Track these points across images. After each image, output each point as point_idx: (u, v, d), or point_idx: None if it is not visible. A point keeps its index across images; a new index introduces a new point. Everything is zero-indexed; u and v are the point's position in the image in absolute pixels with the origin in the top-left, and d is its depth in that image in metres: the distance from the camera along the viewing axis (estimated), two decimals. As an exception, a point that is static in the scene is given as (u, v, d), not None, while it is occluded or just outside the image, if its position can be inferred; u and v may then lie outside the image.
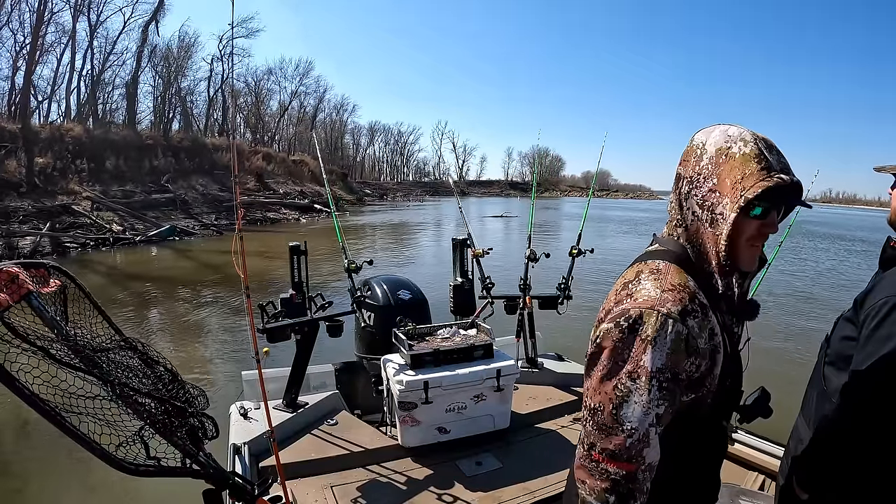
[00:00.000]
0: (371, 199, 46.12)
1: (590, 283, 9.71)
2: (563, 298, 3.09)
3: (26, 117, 23.26)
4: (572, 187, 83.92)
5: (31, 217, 15.70)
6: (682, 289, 0.83)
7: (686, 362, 0.80)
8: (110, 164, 22.84)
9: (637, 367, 0.78)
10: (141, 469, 1.16)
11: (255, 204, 25.23)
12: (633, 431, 0.78)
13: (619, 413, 0.78)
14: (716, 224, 0.84)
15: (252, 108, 43.74)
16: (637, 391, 0.78)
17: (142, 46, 30.56)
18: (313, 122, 51.91)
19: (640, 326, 0.79)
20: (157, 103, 33.63)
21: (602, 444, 0.80)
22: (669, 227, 0.94)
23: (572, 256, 3.14)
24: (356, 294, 2.61)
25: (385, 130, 73.09)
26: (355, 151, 67.20)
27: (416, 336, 2.45)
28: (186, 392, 1.37)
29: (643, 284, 0.85)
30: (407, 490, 2.02)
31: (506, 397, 2.39)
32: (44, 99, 28.82)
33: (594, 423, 0.81)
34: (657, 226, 7.88)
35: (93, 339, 1.21)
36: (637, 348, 0.78)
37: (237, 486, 1.36)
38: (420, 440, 2.27)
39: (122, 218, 18.36)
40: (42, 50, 26.44)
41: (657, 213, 43.53)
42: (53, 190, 18.33)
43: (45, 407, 1.01)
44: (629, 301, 0.83)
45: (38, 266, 1.13)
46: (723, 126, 0.88)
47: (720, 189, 0.84)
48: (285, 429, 2.32)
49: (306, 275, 2.63)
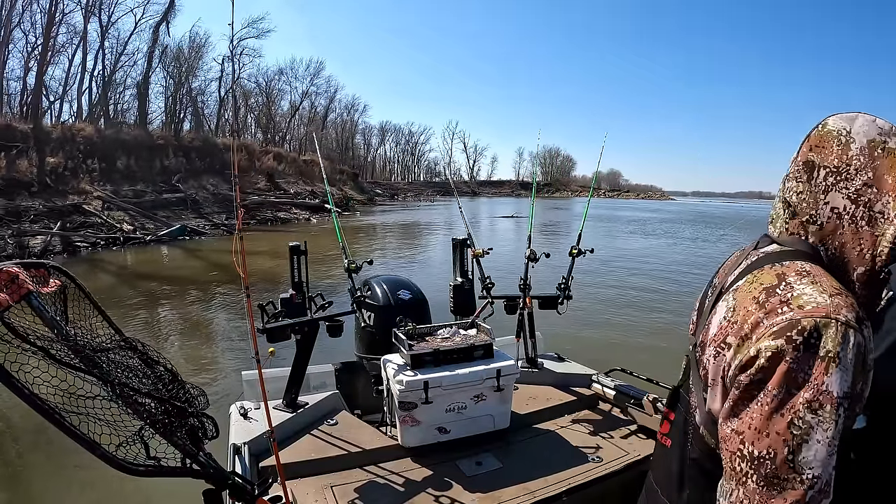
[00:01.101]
0: (382, 199, 46.18)
1: (590, 283, 9.72)
2: (563, 298, 3.09)
3: (38, 117, 23.45)
4: (583, 188, 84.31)
5: (41, 216, 15.80)
6: (847, 293, 0.68)
7: (860, 383, 0.65)
8: (121, 164, 23.00)
9: (819, 393, 0.61)
10: (141, 469, 1.16)
11: (265, 204, 25.35)
12: (815, 481, 0.61)
13: (796, 458, 0.61)
14: (874, 223, 0.72)
15: (263, 108, 43.80)
16: (820, 426, 0.61)
17: (153, 47, 30.88)
18: (324, 122, 52.20)
19: (817, 341, 0.63)
20: (169, 104, 33.81)
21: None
22: (793, 224, 0.80)
23: (572, 256, 3.14)
24: (356, 294, 2.61)
25: (396, 130, 73.45)
26: (366, 151, 67.52)
27: (416, 336, 2.44)
28: (186, 392, 1.37)
29: (801, 289, 0.68)
30: (407, 490, 2.02)
31: (506, 397, 2.39)
32: (56, 99, 29.27)
33: (760, 477, 0.62)
34: (665, 226, 7.95)
35: (93, 339, 1.21)
36: (817, 369, 0.62)
37: (237, 486, 1.36)
38: (420, 440, 2.27)
39: (132, 217, 18.47)
40: (53, 51, 26.86)
41: (666, 213, 43.62)
42: (64, 189, 18.47)
43: (45, 407, 1.01)
44: (791, 310, 0.66)
45: (38, 266, 1.13)
46: (863, 115, 0.78)
47: (879, 185, 0.73)
48: (285, 429, 2.32)
49: (306, 275, 2.63)
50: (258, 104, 43.77)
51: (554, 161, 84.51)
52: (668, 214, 41.46)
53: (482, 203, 48.51)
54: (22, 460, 3.72)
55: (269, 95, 44.37)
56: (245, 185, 27.11)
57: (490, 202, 50.17)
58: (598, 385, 2.80)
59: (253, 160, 30.53)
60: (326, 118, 53.17)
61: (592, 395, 2.79)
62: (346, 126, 59.19)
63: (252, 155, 31.11)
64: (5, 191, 16.36)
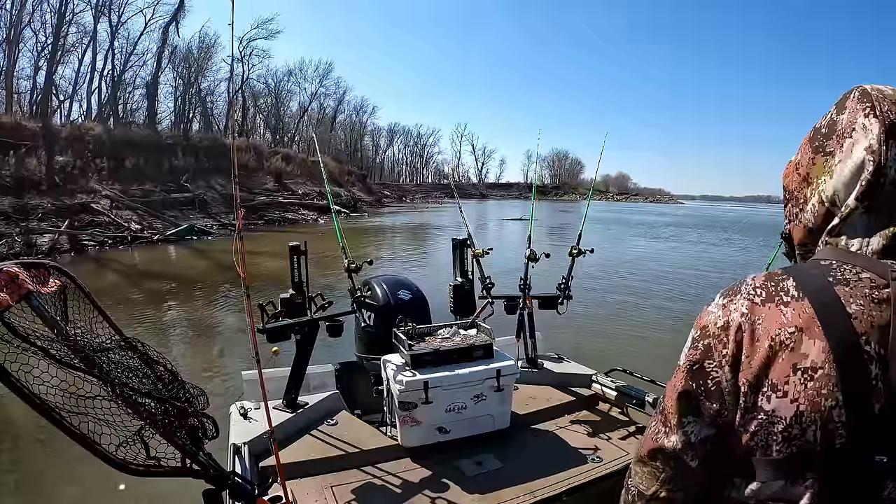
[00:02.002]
0: (390, 201, 46.11)
1: (590, 285, 9.72)
2: (563, 298, 3.09)
3: (47, 116, 23.55)
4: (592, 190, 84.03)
5: (50, 215, 15.76)
6: None
7: None
8: (130, 164, 22.98)
9: None
10: (141, 469, 1.16)
11: (273, 204, 25.33)
12: None
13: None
14: None
15: (272, 109, 43.80)
16: None
17: (162, 47, 30.94)
18: (333, 124, 52.08)
19: None
20: (178, 104, 33.91)
21: None
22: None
23: (572, 256, 3.15)
24: (356, 294, 2.61)
25: (404, 132, 73.24)
26: (375, 153, 67.38)
27: (416, 336, 2.44)
28: (186, 392, 1.37)
29: None
30: (407, 490, 2.02)
31: (506, 397, 2.39)
32: (65, 98, 29.43)
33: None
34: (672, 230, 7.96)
35: (93, 339, 1.22)
36: None
37: (237, 486, 1.36)
38: (420, 440, 2.27)
39: (140, 217, 18.48)
40: (63, 50, 26.95)
41: (674, 216, 43.60)
42: (73, 188, 18.46)
43: (45, 407, 1.01)
44: None
45: (38, 266, 1.13)
46: None
47: None
48: (285, 429, 2.32)
49: (306, 275, 2.63)
50: (267, 105, 43.88)
51: (562, 164, 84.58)
52: (677, 218, 41.49)
53: (490, 205, 48.52)
54: (21, 460, 3.72)
55: (279, 96, 44.50)
56: (253, 185, 27.12)
57: (498, 205, 50.19)
58: (598, 385, 2.80)
59: (261, 161, 30.54)
60: (335, 119, 53.22)
61: (592, 396, 2.79)
62: (355, 127, 59.28)
63: (260, 155, 31.11)
64: (14, 189, 16.36)
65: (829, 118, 0.67)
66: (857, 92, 0.65)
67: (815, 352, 0.56)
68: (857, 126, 0.62)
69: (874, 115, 0.61)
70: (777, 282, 0.62)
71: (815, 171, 0.68)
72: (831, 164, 0.65)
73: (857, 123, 0.62)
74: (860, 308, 0.56)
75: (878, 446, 0.54)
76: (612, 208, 55.59)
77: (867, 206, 0.61)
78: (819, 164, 0.67)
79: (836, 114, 0.66)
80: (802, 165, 0.70)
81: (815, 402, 0.55)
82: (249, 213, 23.04)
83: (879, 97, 0.62)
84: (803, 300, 0.59)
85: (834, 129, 0.66)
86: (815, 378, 0.55)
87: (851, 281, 0.59)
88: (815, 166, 0.67)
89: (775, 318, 0.59)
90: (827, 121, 0.67)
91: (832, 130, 0.66)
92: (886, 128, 0.60)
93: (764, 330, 0.60)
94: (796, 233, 0.73)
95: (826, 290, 0.58)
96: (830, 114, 0.67)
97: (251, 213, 23.15)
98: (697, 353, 0.66)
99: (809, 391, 0.56)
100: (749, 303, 0.62)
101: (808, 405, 0.56)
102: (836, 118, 0.66)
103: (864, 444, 0.54)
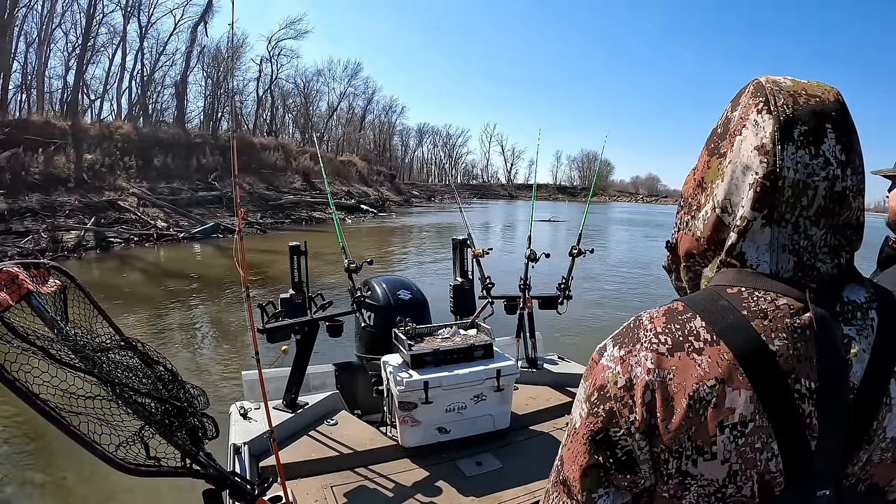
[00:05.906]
0: (419, 201, 46.15)
1: (589, 286, 9.72)
2: (563, 298, 3.09)
3: (76, 114, 23.75)
4: (621, 192, 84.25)
5: (77, 212, 15.82)
6: None
7: None
8: (158, 162, 23.11)
9: None
10: (141, 469, 1.16)
11: (301, 203, 25.38)
12: None
13: None
14: None
15: (301, 108, 43.89)
16: None
17: (191, 47, 31.23)
18: (362, 123, 52.12)
19: None
20: (207, 103, 34.10)
21: None
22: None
23: (572, 256, 3.14)
24: (356, 294, 2.61)
25: (433, 132, 73.07)
26: (403, 153, 67.36)
27: (416, 336, 2.44)
28: (186, 392, 1.37)
29: None
30: (407, 490, 2.02)
31: (506, 397, 2.39)
32: (96, 98, 29.75)
33: None
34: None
35: (93, 339, 1.22)
36: None
37: (237, 486, 1.36)
38: (420, 440, 2.27)
39: (167, 215, 18.52)
40: (94, 50, 27.30)
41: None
42: (101, 186, 18.56)
43: (45, 407, 1.01)
44: None
45: (39, 266, 1.13)
46: None
47: None
48: (285, 429, 2.32)
49: (306, 275, 2.63)
50: (296, 104, 44.03)
51: (591, 165, 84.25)
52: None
53: (519, 206, 48.48)
54: (20, 460, 3.72)
55: (307, 96, 44.52)
56: (281, 184, 27.42)
57: (527, 205, 50.15)
58: None
59: (289, 160, 30.69)
60: (364, 119, 53.35)
61: None
62: (384, 127, 59.19)
63: (288, 155, 31.25)
64: (42, 186, 16.38)
65: (725, 116, 0.60)
66: (751, 85, 0.58)
67: (742, 403, 0.49)
68: (749, 122, 0.55)
69: (767, 110, 0.54)
70: (682, 323, 0.53)
71: (709, 175, 0.60)
72: (723, 165, 0.58)
73: (749, 120, 0.55)
74: (784, 343, 0.50)
75: (818, 482, 0.50)
76: (640, 210, 55.34)
77: (766, 216, 0.53)
78: (714, 167, 0.59)
79: (730, 111, 0.59)
80: (698, 170, 0.63)
81: (748, 458, 0.49)
82: (276, 212, 23.23)
83: (775, 90, 0.55)
84: (719, 344, 0.51)
85: (727, 127, 0.58)
86: (746, 434, 0.49)
87: (769, 312, 0.51)
88: (710, 170, 0.60)
89: (689, 370, 0.51)
90: (723, 119, 0.60)
91: (726, 130, 0.59)
92: (781, 125, 0.52)
93: (678, 386, 0.51)
94: (683, 242, 0.64)
95: (743, 329, 0.51)
96: (726, 111, 0.60)
97: (279, 212, 23.21)
98: (598, 420, 0.55)
99: (742, 448, 0.49)
100: (653, 354, 0.53)
101: (742, 463, 0.50)
102: (730, 115, 0.59)
103: (806, 484, 0.50)
